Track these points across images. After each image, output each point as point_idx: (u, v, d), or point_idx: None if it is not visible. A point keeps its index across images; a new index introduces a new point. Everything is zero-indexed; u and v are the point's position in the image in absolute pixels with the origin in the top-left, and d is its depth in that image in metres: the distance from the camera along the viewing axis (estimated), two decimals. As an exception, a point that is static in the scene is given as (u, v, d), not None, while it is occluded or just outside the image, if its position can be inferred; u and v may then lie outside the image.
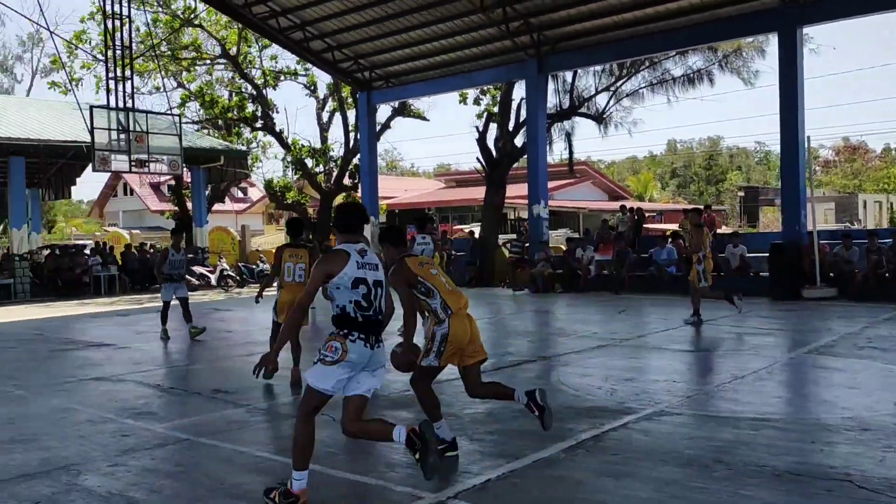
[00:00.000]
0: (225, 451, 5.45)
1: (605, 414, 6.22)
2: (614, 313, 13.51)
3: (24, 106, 27.45)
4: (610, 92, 22.49)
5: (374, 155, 24.02)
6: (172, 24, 25.48)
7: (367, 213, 4.93)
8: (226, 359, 10.17)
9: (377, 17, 19.64)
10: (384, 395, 7.19)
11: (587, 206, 36.76)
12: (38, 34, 44.53)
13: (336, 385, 4.29)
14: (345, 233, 4.45)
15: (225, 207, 39.80)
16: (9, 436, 6.04)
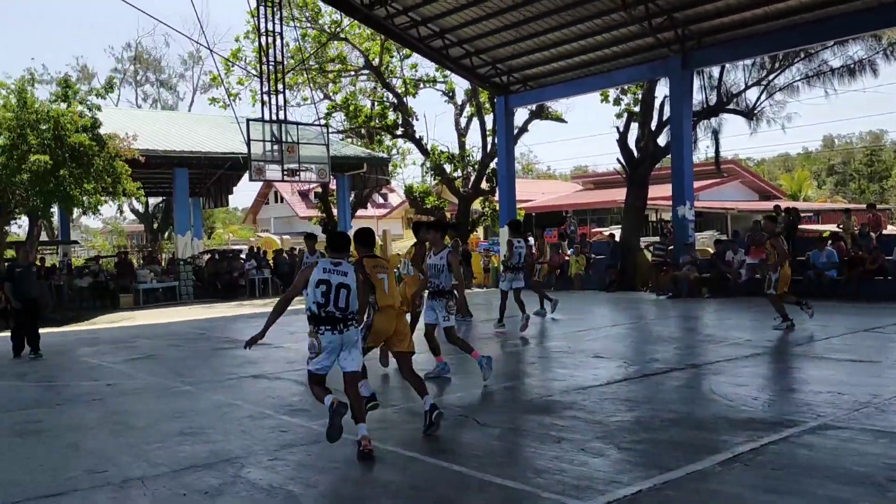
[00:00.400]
0: (376, 449, 5.60)
1: (763, 426, 5.89)
2: (768, 319, 12.76)
3: (186, 121, 29.59)
4: (761, 86, 21.35)
5: (512, 159, 24.02)
6: (320, 39, 26.62)
7: (350, 241, 6.30)
8: (368, 359, 10.47)
9: (515, 21, 19.64)
10: (527, 400, 7.18)
11: (735, 206, 35.04)
12: (197, 53, 47.81)
13: (323, 367, 5.73)
14: (332, 251, 5.93)
15: (367, 213, 41.12)
16: (178, 429, 6.50)
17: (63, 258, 29.61)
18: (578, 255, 21.46)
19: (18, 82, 18.07)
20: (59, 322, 18.29)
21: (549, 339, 11.41)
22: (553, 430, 5.93)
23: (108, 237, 58.98)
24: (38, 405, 7.75)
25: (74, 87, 19.38)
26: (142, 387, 8.62)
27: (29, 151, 16.92)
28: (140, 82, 48.85)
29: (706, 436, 5.70)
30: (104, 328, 16.78)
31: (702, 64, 19.11)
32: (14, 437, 6.39)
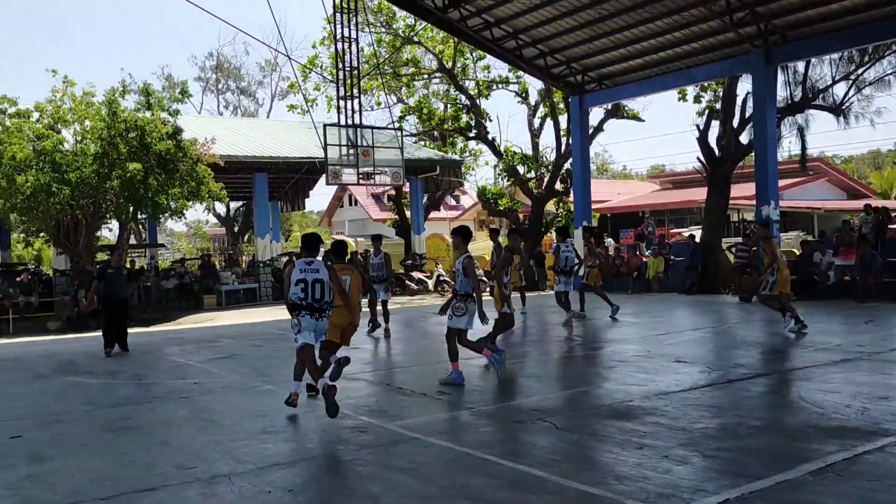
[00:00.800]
0: (453, 451, 5.61)
1: (857, 435, 5.63)
2: (859, 323, 12.25)
3: (265, 127, 30.38)
4: (849, 81, 20.47)
5: (587, 159, 23.72)
6: (394, 44, 26.91)
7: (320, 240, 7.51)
8: (448, 361, 10.50)
9: (590, 19, 19.39)
10: (606, 405, 7.06)
11: (822, 205, 33.71)
12: (275, 60, 49.01)
13: (307, 341, 6.96)
14: (306, 251, 7.21)
15: (440, 215, 41.30)
16: (262, 427, 6.66)
17: (150, 261, 30.86)
18: (656, 257, 21.03)
19: (109, 93, 18.89)
20: (148, 322, 19.04)
21: (628, 342, 11.21)
22: (634, 436, 5.82)
23: (191, 240, 61.12)
24: (130, 402, 8.07)
25: (155, 93, 20.11)
26: (226, 385, 8.88)
27: (118, 159, 17.67)
28: (221, 90, 50.45)
29: (795, 444, 5.50)
30: (189, 328, 17.37)
31: (786, 59, 18.45)
32: (107, 433, 6.67)
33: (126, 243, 21.57)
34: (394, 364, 10.22)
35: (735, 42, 18.33)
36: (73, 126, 18.89)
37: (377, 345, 12.26)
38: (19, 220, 18.88)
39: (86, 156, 17.97)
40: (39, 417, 7.46)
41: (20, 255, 31.59)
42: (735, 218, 31.88)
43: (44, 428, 6.97)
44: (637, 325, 13.54)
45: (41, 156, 17.60)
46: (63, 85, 18.87)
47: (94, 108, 18.82)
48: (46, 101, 18.86)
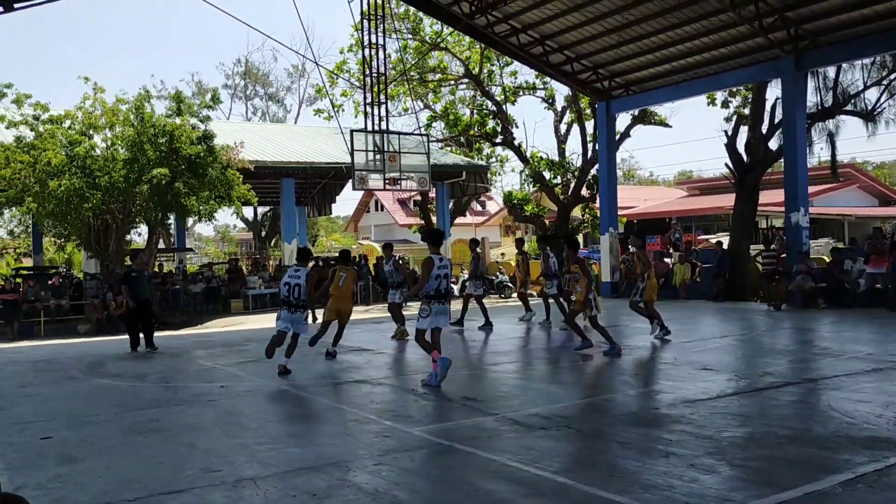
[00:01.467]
0: (478, 458, 5.60)
1: (889, 445, 5.53)
2: (891, 332, 12.04)
3: (292, 133, 30.64)
4: (881, 86, 20.16)
5: (613, 165, 23.60)
6: (421, 50, 27.02)
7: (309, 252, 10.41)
8: (473, 367, 10.51)
9: (617, 25, 19.33)
10: (632, 412, 7.00)
11: (853, 212, 33.20)
12: (303, 66, 49.41)
13: (283, 328, 9.83)
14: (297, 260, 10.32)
15: (465, 220, 41.34)
16: (287, 431, 6.70)
17: (179, 265, 31.21)
18: (683, 264, 20.85)
19: (136, 99, 19.17)
20: (176, 325, 19.25)
21: (654, 349, 11.12)
22: (661, 444, 5.76)
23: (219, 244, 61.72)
24: (157, 405, 8.16)
25: (185, 100, 20.38)
26: (252, 389, 8.95)
27: (148, 164, 17.91)
28: (249, 96, 50.94)
29: (825, 454, 5.41)
30: (216, 332, 17.54)
31: (816, 64, 18.23)
32: (135, 436, 6.74)
33: (155, 247, 21.86)
34: (418, 369, 10.22)
35: (764, 47, 18.16)
36: (103, 131, 19.19)
37: (400, 349, 12.28)
38: (52, 225, 19.20)
39: (116, 161, 18.25)
40: (69, 419, 7.57)
41: (52, 259, 32.15)
42: (763, 225, 31.52)
43: (74, 429, 7.07)
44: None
45: (73, 161, 17.90)
46: (93, 91, 19.18)
47: (123, 114, 19.11)
48: (77, 108, 19.19)
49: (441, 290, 8.55)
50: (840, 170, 33.80)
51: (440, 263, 8.53)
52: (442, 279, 8.55)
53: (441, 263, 8.55)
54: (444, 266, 8.61)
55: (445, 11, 21.11)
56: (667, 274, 21.41)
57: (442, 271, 8.55)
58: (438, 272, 8.50)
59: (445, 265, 8.64)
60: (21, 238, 33.35)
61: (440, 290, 8.54)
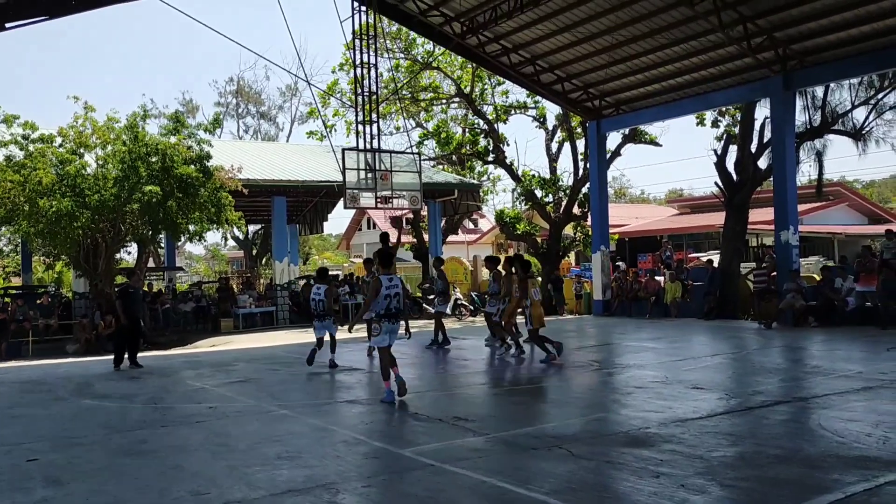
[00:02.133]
0: (469, 479, 5.57)
1: (878, 465, 5.53)
2: (881, 351, 12.07)
3: (284, 151, 30.64)
4: (869, 105, 20.37)
5: (604, 183, 23.71)
6: (413, 69, 27.15)
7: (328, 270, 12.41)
8: (464, 386, 10.47)
9: (608, 45, 19.50)
10: (623, 432, 6.99)
11: (843, 230, 33.39)
12: (295, 85, 49.54)
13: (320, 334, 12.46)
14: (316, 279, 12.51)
15: (458, 238, 41.36)
16: (276, 452, 6.64)
17: (168, 284, 31.07)
18: (674, 282, 20.89)
19: (131, 117, 19.15)
20: (164, 345, 19.12)
21: (645, 368, 11.11)
22: (651, 464, 5.75)
23: (209, 263, 61.52)
24: (145, 426, 8.09)
25: (185, 122, 20.36)
26: (241, 410, 8.88)
27: (139, 182, 17.86)
28: (241, 115, 51.00)
29: (815, 474, 5.40)
30: (206, 351, 17.43)
31: (804, 84, 18.41)
32: (123, 458, 6.68)
33: (144, 266, 21.76)
34: (409, 389, 10.18)
35: (753, 67, 18.34)
36: (94, 150, 19.14)
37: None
38: (42, 244, 19.09)
39: (106, 180, 18.20)
40: (56, 440, 7.50)
41: (41, 278, 31.97)
42: (754, 243, 31.65)
43: (60, 451, 7.00)
44: (655, 350, 13.43)
45: (64, 180, 17.84)
46: (84, 111, 19.15)
47: (116, 132, 19.08)
48: (69, 127, 19.16)
49: (391, 308, 8.73)
50: (829, 188, 34.09)
51: (389, 283, 8.72)
52: (392, 298, 8.72)
53: (390, 283, 8.73)
54: (394, 286, 8.76)
55: (437, 31, 21.25)
56: (658, 292, 21.46)
57: (391, 290, 8.71)
58: (387, 292, 8.69)
59: (395, 284, 8.78)
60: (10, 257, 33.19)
61: (390, 310, 8.72)
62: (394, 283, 8.77)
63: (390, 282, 8.75)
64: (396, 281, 8.85)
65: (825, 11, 15.95)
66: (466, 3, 19.63)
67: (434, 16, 20.62)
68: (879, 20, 15.70)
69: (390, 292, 8.69)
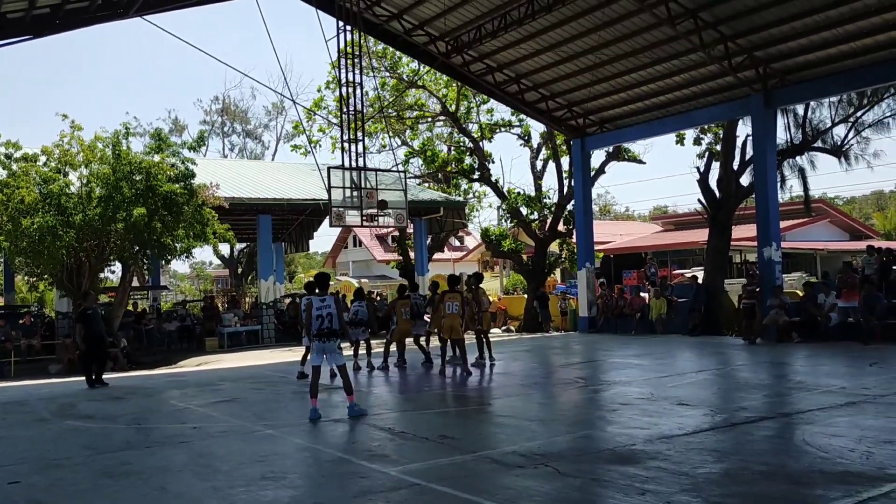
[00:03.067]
0: (456, 498, 5.55)
1: (862, 480, 5.57)
2: (864, 366, 12.17)
3: (269, 169, 30.65)
4: (849, 123, 20.66)
5: (589, 200, 23.86)
6: (398, 87, 27.27)
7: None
8: (450, 405, 10.45)
9: (591, 64, 19.69)
10: (609, 449, 7.00)
11: (825, 246, 33.72)
12: (281, 104, 49.58)
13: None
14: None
15: (444, 256, 41.38)
16: (261, 472, 6.60)
17: (153, 303, 30.85)
18: (659, 298, 21.00)
19: (113, 136, 19.09)
20: (149, 365, 18.97)
21: (631, 385, 11.14)
22: (637, 481, 5.76)
23: (194, 282, 61.18)
24: (128, 447, 8.01)
25: (167, 140, 20.32)
26: (226, 430, 8.82)
27: (123, 202, 17.78)
28: (227, 133, 50.96)
29: (800, 490, 5.43)
30: (190, 371, 17.30)
31: (785, 102, 18.66)
32: (106, 479, 6.61)
33: (129, 285, 21.61)
34: (395, 407, 10.16)
35: (734, 86, 18.57)
36: (79, 169, 19.06)
37: (383, 388, 12.20)
38: (24, 263, 18.94)
39: (91, 199, 18.11)
40: (38, 462, 7.41)
41: (24, 298, 31.67)
42: (737, 259, 31.88)
43: (42, 473, 6.92)
44: (640, 366, 13.46)
45: (47, 199, 17.74)
46: (70, 129, 19.08)
47: (99, 151, 19.02)
48: (53, 146, 19.07)
49: (323, 328, 9.07)
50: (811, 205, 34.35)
51: (320, 304, 9.09)
52: (324, 318, 9.05)
53: (322, 304, 9.09)
54: (326, 306, 9.10)
55: (422, 50, 21.39)
56: (643, 309, 21.54)
57: (323, 311, 9.07)
58: (319, 312, 9.06)
59: (327, 305, 9.11)
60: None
61: (322, 329, 9.06)
62: (325, 303, 9.09)
63: (322, 302, 9.08)
64: (329, 301, 9.14)
65: (805, 31, 16.21)
66: (451, 23, 19.80)
67: (419, 35, 20.78)
68: (858, 39, 15.96)
69: (321, 312, 9.05)
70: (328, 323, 9.07)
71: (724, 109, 19.57)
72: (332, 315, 9.10)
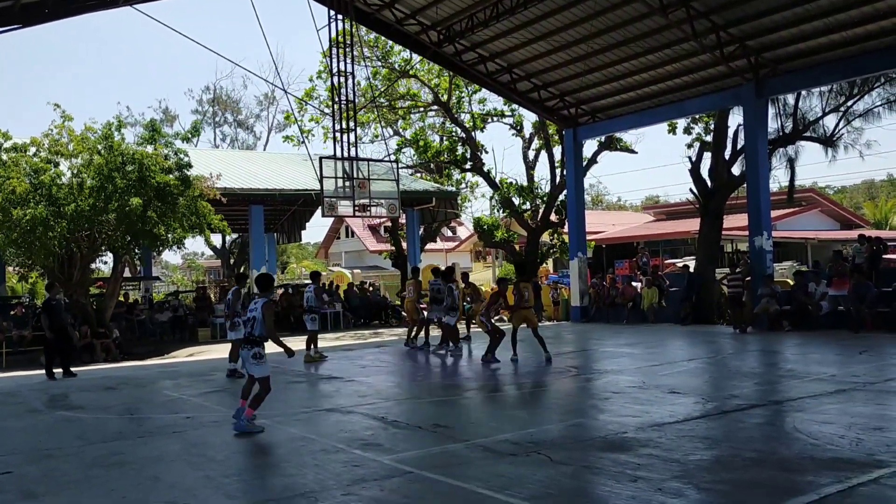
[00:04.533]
0: (448, 486, 5.58)
1: (852, 466, 5.62)
2: (854, 354, 12.25)
3: (261, 160, 30.54)
4: (839, 113, 20.72)
5: (581, 190, 23.88)
6: (390, 77, 27.19)
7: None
8: (444, 394, 10.48)
9: (583, 53, 19.68)
10: (601, 436, 7.04)
11: (815, 235, 33.88)
12: (273, 94, 49.37)
13: None
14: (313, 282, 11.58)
15: (436, 246, 41.39)
16: (253, 462, 6.62)
17: (145, 294, 30.76)
18: (651, 288, 21.06)
19: (105, 127, 18.96)
20: (141, 355, 18.93)
21: (622, 373, 11.19)
22: (629, 469, 5.80)
23: (186, 273, 61.01)
24: (122, 437, 8.01)
25: (161, 130, 20.16)
26: (219, 419, 8.82)
27: (116, 192, 17.69)
28: (219, 123, 50.71)
29: (790, 476, 5.48)
30: (183, 361, 17.27)
31: (776, 91, 18.69)
32: (98, 469, 6.61)
33: (121, 276, 21.53)
34: (389, 397, 10.17)
35: (726, 75, 18.59)
36: (70, 159, 18.93)
37: (375, 377, 12.22)
38: (15, 254, 18.82)
39: (82, 189, 18.00)
40: (31, 453, 7.40)
41: (14, 289, 31.53)
42: (729, 249, 32.01)
43: (35, 463, 6.91)
44: (632, 355, 13.53)
45: (38, 189, 17.63)
46: (61, 119, 18.94)
47: (91, 143, 18.89)
48: (44, 135, 18.93)
49: (246, 333, 8.14)
50: (802, 194, 34.53)
51: (253, 307, 8.13)
52: (250, 321, 8.09)
53: (253, 306, 8.11)
54: (253, 309, 8.10)
55: (414, 40, 21.32)
56: (635, 298, 21.62)
57: (251, 314, 8.09)
58: (250, 314, 8.13)
59: (254, 309, 8.09)
60: (-18, 268, 32.59)
61: (245, 334, 8.17)
62: (255, 305, 8.08)
63: (254, 304, 8.13)
64: (257, 304, 8.07)
65: (796, 21, 16.23)
66: (443, 12, 19.73)
67: (411, 24, 20.70)
68: (849, 29, 15.99)
69: (250, 314, 8.11)
70: (249, 328, 8.10)
71: (716, 99, 19.60)
72: (257, 320, 8.02)
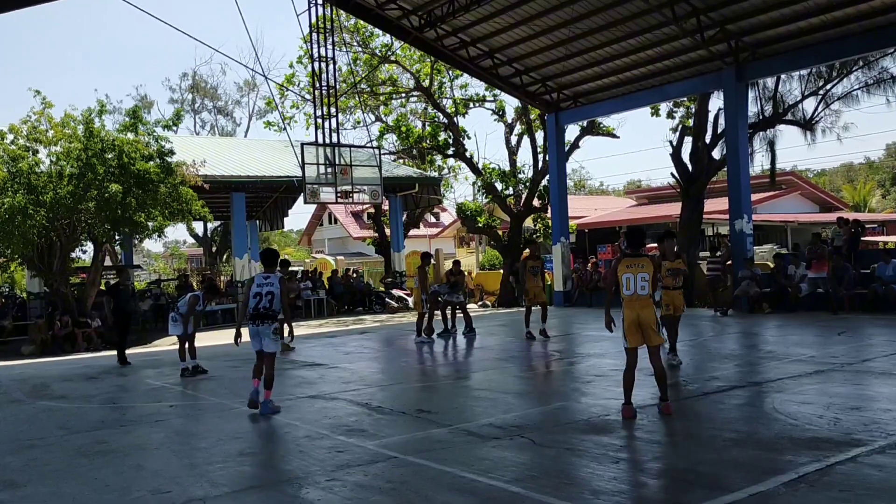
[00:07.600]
0: (432, 470, 5.62)
1: (830, 445, 5.72)
2: (832, 335, 12.41)
3: (242, 146, 30.30)
4: (818, 96, 20.86)
5: (563, 175, 23.91)
6: (371, 63, 27.02)
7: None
8: (428, 379, 10.52)
9: (564, 38, 19.64)
10: (584, 419, 7.10)
11: (795, 218, 34.17)
12: (253, 80, 48.93)
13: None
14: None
15: (419, 232, 41.34)
16: (237, 449, 6.62)
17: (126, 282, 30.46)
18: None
19: (85, 113, 18.73)
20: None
21: (605, 357, 11.27)
22: (611, 451, 5.86)
23: (168, 261, 60.60)
24: (104, 426, 7.98)
25: (142, 118, 19.89)
26: (203, 407, 8.82)
27: (95, 180, 17.50)
28: (198, 110, 50.20)
29: (769, 456, 5.56)
30: (165, 350, 17.19)
31: (756, 75, 18.77)
32: (81, 458, 6.59)
33: (101, 265, 21.35)
34: (373, 383, 10.20)
35: (706, 59, 18.63)
36: (49, 146, 18.69)
37: (359, 364, 12.23)
38: (-6, 244, 18.59)
39: (62, 177, 17.80)
40: (12, 443, 7.36)
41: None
42: (710, 232, 32.22)
43: (16, 454, 6.88)
44: (614, 339, 13.55)
45: (16, 177, 17.41)
46: (41, 106, 18.68)
47: (71, 128, 18.65)
48: (22, 122, 18.67)
49: (259, 308, 8.11)
50: (782, 178, 34.79)
51: (263, 281, 8.14)
52: (262, 297, 8.08)
53: (264, 281, 8.13)
54: (267, 284, 8.12)
55: (395, 25, 21.17)
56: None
57: (263, 289, 8.10)
58: (258, 290, 8.11)
59: (270, 283, 8.12)
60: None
61: (258, 310, 8.11)
62: (268, 280, 8.13)
63: (265, 279, 8.15)
64: (273, 279, 8.14)
65: (776, 4, 16.27)
66: (424, -3, 19.60)
67: (391, 9, 20.55)
68: (828, 12, 16.07)
69: (260, 290, 8.10)
70: (265, 302, 8.08)
71: (697, 83, 19.65)
72: (274, 294, 8.09)
